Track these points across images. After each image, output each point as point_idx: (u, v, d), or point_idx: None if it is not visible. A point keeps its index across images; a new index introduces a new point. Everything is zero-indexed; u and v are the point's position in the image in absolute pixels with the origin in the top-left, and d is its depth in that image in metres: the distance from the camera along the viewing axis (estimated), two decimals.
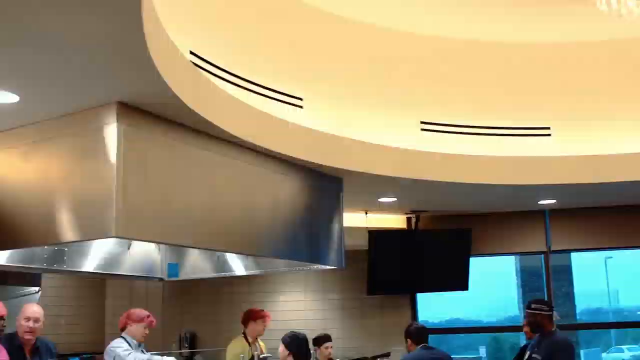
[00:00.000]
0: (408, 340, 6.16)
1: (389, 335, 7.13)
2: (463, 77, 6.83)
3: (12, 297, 7.09)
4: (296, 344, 5.47)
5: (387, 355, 7.18)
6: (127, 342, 6.29)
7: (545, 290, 8.93)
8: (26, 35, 3.45)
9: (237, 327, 7.62)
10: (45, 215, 4.63)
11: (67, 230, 4.56)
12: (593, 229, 8.80)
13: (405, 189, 7.08)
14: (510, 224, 8.75)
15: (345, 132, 6.15)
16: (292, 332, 5.59)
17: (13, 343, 5.73)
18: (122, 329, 6.41)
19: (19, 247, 5.37)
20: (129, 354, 6.08)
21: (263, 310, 7.43)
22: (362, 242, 8.09)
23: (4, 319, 5.48)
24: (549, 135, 6.91)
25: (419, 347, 6.07)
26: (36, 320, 5.78)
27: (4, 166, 4.93)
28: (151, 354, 6.29)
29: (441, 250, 8.48)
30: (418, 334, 6.16)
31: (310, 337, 5.88)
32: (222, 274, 7.17)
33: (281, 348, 5.50)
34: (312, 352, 5.80)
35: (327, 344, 7.29)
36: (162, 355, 6.27)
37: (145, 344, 6.56)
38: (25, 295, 7.22)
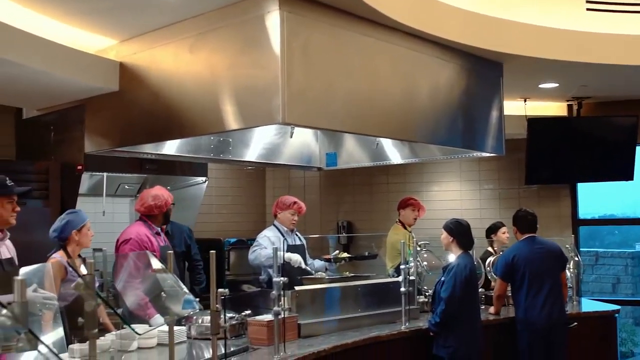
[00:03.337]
0: (514, 227, 6.06)
1: (547, 227, 6.96)
2: None
3: (180, 187, 7.48)
4: (459, 230, 5.49)
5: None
6: (278, 229, 6.44)
7: None
8: None
9: (392, 216, 7.75)
10: (212, 105, 4.79)
11: (234, 119, 4.70)
12: None
13: (568, 74, 6.76)
14: None
15: (506, 14, 5.90)
16: (455, 218, 5.60)
17: None
18: (275, 216, 6.61)
19: (187, 136, 5.63)
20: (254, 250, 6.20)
21: (413, 199, 7.48)
22: (520, 131, 7.87)
23: (174, 204, 5.87)
24: None
25: (525, 237, 5.95)
26: None
27: (172, 58, 5.11)
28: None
29: (604, 139, 8.09)
30: (526, 221, 6.02)
31: None
32: (379, 163, 7.23)
33: (444, 235, 5.54)
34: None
35: (503, 229, 7.28)
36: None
37: (305, 232, 6.74)
38: (192, 185, 7.60)
